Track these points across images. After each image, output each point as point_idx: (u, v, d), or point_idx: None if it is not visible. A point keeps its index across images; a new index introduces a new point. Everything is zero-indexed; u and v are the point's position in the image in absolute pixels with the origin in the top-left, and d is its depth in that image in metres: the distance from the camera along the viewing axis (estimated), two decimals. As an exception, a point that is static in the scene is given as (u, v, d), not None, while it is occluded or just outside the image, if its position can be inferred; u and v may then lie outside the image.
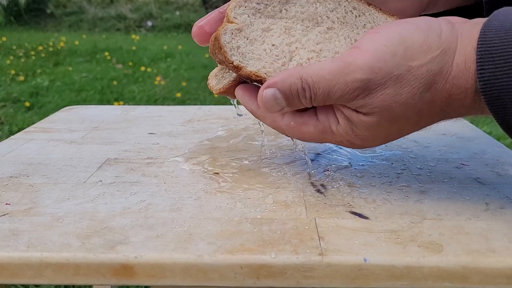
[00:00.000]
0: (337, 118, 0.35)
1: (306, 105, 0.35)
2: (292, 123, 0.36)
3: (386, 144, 0.53)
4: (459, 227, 0.34)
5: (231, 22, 0.37)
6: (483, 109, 0.32)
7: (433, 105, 0.33)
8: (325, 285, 0.31)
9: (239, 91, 0.39)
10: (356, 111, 0.34)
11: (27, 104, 2.49)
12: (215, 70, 0.43)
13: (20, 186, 0.42)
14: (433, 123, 0.35)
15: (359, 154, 0.50)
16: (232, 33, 0.37)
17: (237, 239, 0.33)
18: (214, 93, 0.41)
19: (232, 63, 0.37)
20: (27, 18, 5.74)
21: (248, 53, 0.37)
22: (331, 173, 0.45)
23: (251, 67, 0.37)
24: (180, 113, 0.69)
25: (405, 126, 0.34)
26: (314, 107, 0.36)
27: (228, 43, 0.37)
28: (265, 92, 0.35)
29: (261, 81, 0.37)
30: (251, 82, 0.39)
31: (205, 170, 0.46)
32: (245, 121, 0.64)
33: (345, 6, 0.39)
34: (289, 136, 0.39)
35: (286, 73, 0.35)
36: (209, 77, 0.42)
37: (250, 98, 0.38)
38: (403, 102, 0.32)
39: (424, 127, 0.35)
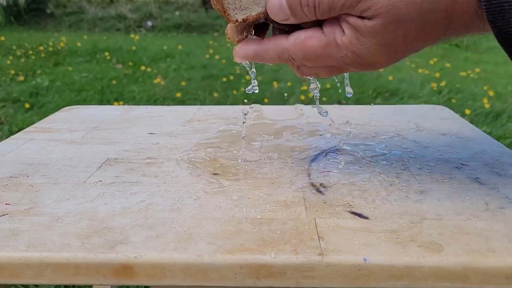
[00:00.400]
0: (343, 29, 0.35)
1: (309, 14, 0.35)
2: (297, 39, 0.36)
3: (386, 144, 0.53)
4: (459, 227, 0.34)
5: None
6: (485, 23, 0.32)
7: (438, 6, 0.32)
8: (325, 285, 0.31)
9: (237, 51, 0.39)
10: (361, 17, 0.34)
11: (27, 104, 2.49)
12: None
13: (20, 186, 0.42)
14: (438, 33, 0.34)
15: (359, 154, 0.50)
16: None
17: (237, 239, 0.33)
18: (235, 42, 0.40)
19: (236, 21, 0.37)
20: (27, 18, 5.74)
21: (251, 2, 0.37)
22: (331, 173, 0.45)
23: (255, 11, 0.37)
24: (180, 113, 0.69)
25: (410, 29, 0.33)
26: (320, 25, 0.36)
27: (231, 4, 0.37)
28: None
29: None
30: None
31: (205, 170, 0.46)
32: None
33: None
34: (293, 64, 0.38)
35: None
36: (228, 28, 0.41)
37: (249, 41, 0.39)
38: (408, 0, 0.32)
39: (429, 37, 0.35)
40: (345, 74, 0.42)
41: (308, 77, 0.41)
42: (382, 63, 0.36)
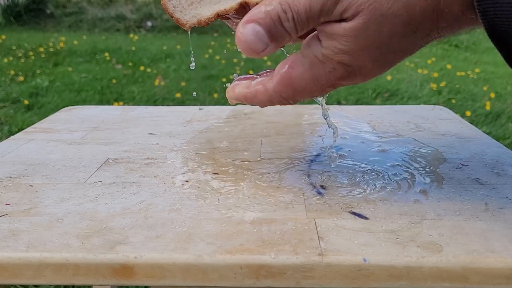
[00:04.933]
0: (320, 41, 0.32)
1: (290, 31, 0.32)
2: (281, 72, 0.33)
3: (385, 145, 0.53)
4: (458, 227, 0.34)
5: None
6: (476, 19, 0.29)
7: None
8: (325, 285, 0.31)
9: (229, 94, 0.37)
10: (340, 20, 0.30)
11: (26, 102, 2.49)
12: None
13: (20, 186, 0.42)
14: (427, 27, 0.31)
15: (359, 154, 0.50)
16: None
17: (237, 239, 0.33)
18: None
19: (186, 24, 0.34)
20: (26, 19, 5.74)
21: (201, 2, 0.34)
22: (331, 173, 0.45)
23: (207, 12, 0.34)
24: (179, 113, 0.69)
25: (395, 25, 0.30)
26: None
27: (175, 7, 0.34)
28: (243, 30, 0.32)
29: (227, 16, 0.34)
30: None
31: (205, 170, 0.46)
32: (244, 122, 0.64)
33: None
34: (284, 102, 0.35)
35: (260, 5, 0.32)
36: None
37: (237, 85, 0.37)
38: None
39: (418, 33, 0.31)
40: None
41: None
42: (373, 70, 0.33)
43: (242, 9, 0.35)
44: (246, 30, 0.32)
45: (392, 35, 0.30)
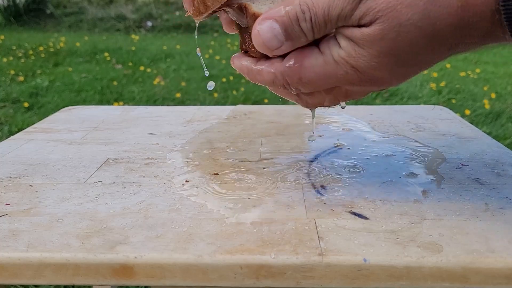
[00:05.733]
0: (338, 42, 0.31)
1: (307, 32, 0.31)
2: (293, 61, 0.32)
3: (385, 145, 0.53)
4: (458, 227, 0.34)
5: None
6: (504, 29, 0.28)
7: (447, 10, 0.28)
8: (325, 285, 0.31)
9: (234, 60, 0.37)
10: (359, 26, 0.30)
11: (27, 104, 2.49)
12: None
13: (20, 186, 0.42)
14: (450, 43, 0.30)
15: (359, 154, 0.50)
16: None
17: (237, 239, 0.33)
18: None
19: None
20: (26, 19, 5.74)
21: None
22: (331, 174, 0.45)
23: None
24: (179, 113, 0.69)
25: (415, 38, 0.29)
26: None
27: None
28: (260, 26, 0.31)
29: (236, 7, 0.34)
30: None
31: (205, 170, 0.46)
32: (244, 122, 0.64)
33: None
34: (290, 91, 0.35)
35: (280, 4, 0.32)
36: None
37: (245, 56, 0.36)
38: (409, 2, 0.28)
39: (440, 48, 0.30)
40: None
41: (313, 109, 0.38)
42: (388, 80, 0.32)
43: (239, 10, 0.35)
44: (263, 27, 0.31)
45: (412, 46, 0.30)
